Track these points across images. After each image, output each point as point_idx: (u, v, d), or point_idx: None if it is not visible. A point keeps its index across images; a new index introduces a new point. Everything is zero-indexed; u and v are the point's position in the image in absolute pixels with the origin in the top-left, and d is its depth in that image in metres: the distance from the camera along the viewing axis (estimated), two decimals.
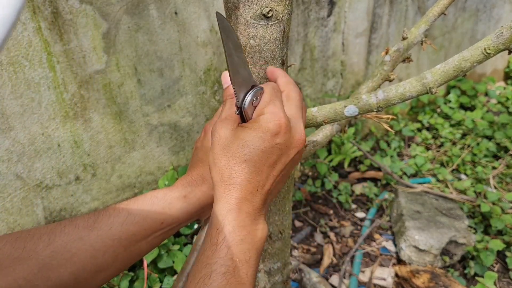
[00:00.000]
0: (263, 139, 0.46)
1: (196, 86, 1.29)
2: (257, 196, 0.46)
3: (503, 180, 1.70)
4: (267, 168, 0.47)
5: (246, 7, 0.49)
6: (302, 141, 0.49)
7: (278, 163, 0.47)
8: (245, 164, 0.46)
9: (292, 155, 0.48)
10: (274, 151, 0.47)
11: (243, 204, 0.45)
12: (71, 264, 0.49)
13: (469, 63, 0.50)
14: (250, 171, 0.46)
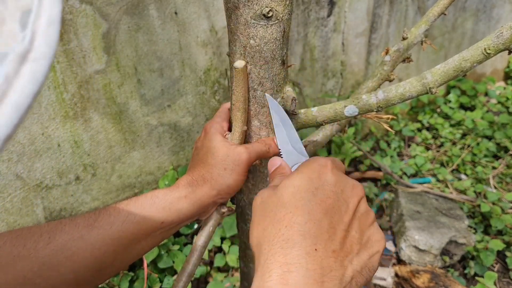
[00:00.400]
0: (310, 178, 0.39)
1: (196, 86, 1.29)
2: (321, 256, 0.34)
3: (503, 180, 1.70)
4: (325, 215, 0.37)
5: (246, 7, 0.49)
6: (360, 189, 0.41)
7: (338, 211, 0.38)
8: (296, 212, 0.37)
9: (354, 203, 0.39)
10: (327, 192, 0.38)
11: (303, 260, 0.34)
12: (71, 263, 0.49)
13: (469, 63, 0.50)
14: (304, 220, 0.36)
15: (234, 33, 0.52)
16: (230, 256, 1.31)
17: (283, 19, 0.51)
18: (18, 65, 0.15)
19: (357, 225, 0.38)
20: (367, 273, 0.38)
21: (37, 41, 0.16)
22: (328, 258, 0.35)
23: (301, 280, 0.33)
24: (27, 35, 0.16)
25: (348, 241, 0.37)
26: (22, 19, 0.16)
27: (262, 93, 0.56)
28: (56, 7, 0.17)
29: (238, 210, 0.69)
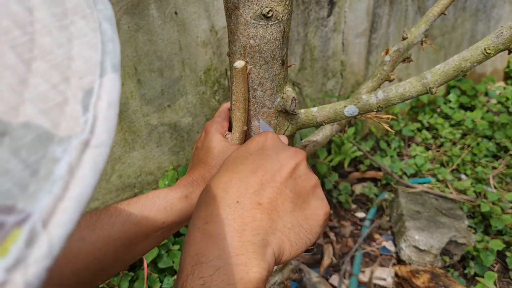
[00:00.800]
0: (247, 146, 0.42)
1: (196, 86, 1.29)
2: (243, 208, 0.36)
3: (503, 180, 1.70)
4: (254, 173, 0.39)
5: (246, 7, 0.49)
6: (300, 155, 0.42)
7: (271, 170, 0.39)
8: (226, 173, 0.39)
9: (290, 165, 0.40)
10: (261, 155, 0.40)
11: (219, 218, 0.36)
12: (72, 264, 0.49)
13: (469, 63, 0.50)
14: (229, 178, 0.38)
15: (234, 33, 0.52)
16: None
17: (283, 19, 0.51)
18: (80, 154, 0.15)
19: (292, 185, 0.39)
20: (304, 233, 0.39)
21: (98, 127, 0.16)
22: (252, 209, 0.36)
23: (220, 229, 0.34)
24: (89, 119, 0.16)
25: (280, 197, 0.38)
26: (84, 100, 0.16)
27: (262, 93, 0.56)
28: (115, 89, 0.17)
29: None
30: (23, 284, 0.12)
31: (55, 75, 0.16)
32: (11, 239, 0.13)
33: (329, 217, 0.50)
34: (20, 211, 0.13)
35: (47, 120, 0.15)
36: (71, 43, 0.18)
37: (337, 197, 1.69)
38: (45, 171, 0.14)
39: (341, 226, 1.59)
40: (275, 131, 0.59)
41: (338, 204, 1.67)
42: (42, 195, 0.14)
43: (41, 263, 0.13)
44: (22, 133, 0.14)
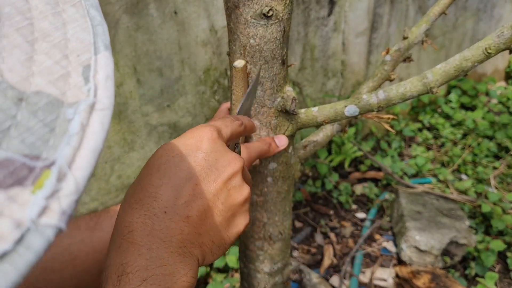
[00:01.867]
0: (185, 144, 0.38)
1: (195, 86, 1.29)
2: (171, 219, 0.35)
3: (504, 181, 1.69)
4: (188, 181, 0.36)
5: (246, 7, 0.49)
6: (237, 163, 0.39)
7: (206, 179, 0.37)
8: (157, 174, 0.36)
9: (227, 175, 0.38)
10: (198, 159, 0.37)
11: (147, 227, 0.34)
12: (72, 266, 0.49)
13: (470, 62, 0.49)
14: (160, 183, 0.36)
15: (234, 33, 0.52)
16: (229, 256, 1.31)
17: (283, 18, 0.50)
18: (88, 115, 0.18)
19: (225, 197, 0.38)
20: (224, 245, 0.38)
21: (99, 94, 0.19)
22: (180, 222, 0.35)
23: (146, 239, 0.33)
24: (91, 88, 0.19)
25: (210, 211, 0.37)
26: (84, 73, 0.19)
27: (262, 93, 0.55)
28: (110, 64, 0.20)
29: None
30: (59, 211, 0.15)
31: (56, 53, 0.20)
32: (44, 177, 0.16)
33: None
34: (45, 158, 0.16)
35: (56, 89, 0.18)
36: (65, 27, 0.21)
37: (337, 198, 1.68)
38: (61, 129, 0.17)
39: (342, 226, 1.59)
40: (275, 131, 0.58)
41: (338, 205, 1.67)
42: (62, 146, 0.17)
43: (71, 197, 0.16)
44: (36, 99, 0.18)
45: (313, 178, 1.75)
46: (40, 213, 0.15)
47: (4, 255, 0.14)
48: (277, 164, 0.61)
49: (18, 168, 0.16)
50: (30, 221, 0.14)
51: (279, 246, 0.69)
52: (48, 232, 0.15)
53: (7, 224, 0.14)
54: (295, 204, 1.66)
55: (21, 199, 0.15)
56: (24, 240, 0.14)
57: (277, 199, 0.64)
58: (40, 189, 0.15)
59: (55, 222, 0.15)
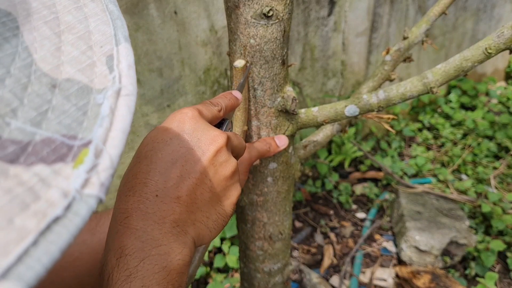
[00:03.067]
0: (166, 128, 0.39)
1: (195, 86, 1.29)
2: (162, 201, 0.36)
3: (504, 181, 1.69)
4: (174, 164, 0.38)
5: (246, 6, 0.49)
6: (220, 139, 0.39)
7: (191, 159, 0.38)
8: (144, 161, 0.38)
9: (211, 152, 0.39)
10: (181, 141, 0.38)
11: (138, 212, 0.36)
12: (73, 268, 0.49)
13: (470, 62, 0.49)
14: (148, 170, 0.37)
15: (234, 33, 0.52)
16: (230, 256, 1.31)
17: (283, 18, 0.50)
18: (116, 100, 0.20)
19: (212, 173, 0.39)
20: (221, 218, 0.40)
21: (124, 81, 0.20)
22: (171, 203, 0.36)
23: (140, 223, 0.35)
24: (116, 76, 0.20)
25: (199, 188, 0.38)
26: (108, 63, 0.21)
27: (263, 93, 0.55)
28: (130, 54, 0.22)
29: (238, 210, 0.68)
30: (98, 183, 0.17)
31: (82, 44, 0.21)
32: (83, 154, 0.17)
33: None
34: (82, 138, 0.18)
35: (84, 77, 0.20)
36: (87, 20, 0.22)
37: (337, 198, 1.68)
38: (93, 112, 0.19)
39: (342, 226, 1.59)
40: (275, 131, 0.58)
41: (338, 205, 1.67)
42: (95, 127, 0.18)
43: (108, 171, 0.17)
44: (68, 85, 0.20)
45: (313, 178, 1.75)
46: (83, 184, 0.17)
47: (57, 220, 0.15)
48: (277, 164, 0.61)
49: (59, 146, 0.17)
50: (75, 191, 0.16)
51: (279, 246, 0.69)
52: (91, 201, 0.16)
53: (56, 193, 0.16)
54: (295, 204, 1.66)
55: (64, 173, 0.17)
56: (71, 207, 0.16)
57: (277, 199, 0.64)
58: (81, 164, 0.17)
59: (96, 193, 0.17)
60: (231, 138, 0.42)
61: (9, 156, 0.16)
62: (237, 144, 0.44)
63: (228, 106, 0.47)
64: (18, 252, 0.14)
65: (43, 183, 0.16)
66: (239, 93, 0.50)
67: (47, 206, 0.16)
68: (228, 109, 0.47)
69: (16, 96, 0.18)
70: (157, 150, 0.38)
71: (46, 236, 0.15)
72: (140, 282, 0.33)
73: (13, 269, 0.14)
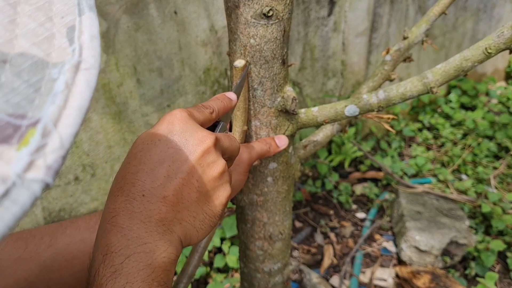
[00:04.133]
0: (156, 129, 0.40)
1: (195, 86, 1.29)
2: (149, 201, 0.37)
3: (504, 181, 1.69)
4: (161, 164, 0.38)
5: (246, 6, 0.49)
6: (208, 140, 0.40)
7: (178, 159, 0.39)
8: (133, 162, 0.39)
9: (198, 153, 0.39)
10: (169, 142, 0.39)
11: (127, 211, 0.37)
12: (72, 266, 0.49)
13: (470, 62, 0.49)
14: (136, 170, 0.38)
15: (234, 33, 0.52)
16: (230, 256, 1.31)
17: (283, 18, 0.50)
18: (74, 74, 0.18)
19: (199, 174, 0.39)
20: (208, 219, 0.41)
21: (85, 54, 0.19)
22: (157, 203, 0.37)
23: (127, 222, 0.36)
24: (76, 48, 0.19)
25: (186, 188, 0.39)
26: (68, 34, 0.19)
27: (263, 93, 0.55)
28: (95, 25, 0.20)
29: (238, 210, 0.68)
30: (44, 166, 0.16)
31: (40, 15, 0.20)
32: (30, 134, 0.16)
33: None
34: (31, 117, 0.17)
35: (40, 51, 0.19)
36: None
37: (337, 198, 1.68)
38: (46, 88, 0.18)
39: (342, 226, 1.59)
40: (275, 131, 0.58)
41: (338, 205, 1.67)
42: (47, 105, 0.17)
43: (56, 153, 0.16)
44: (20, 61, 0.18)
45: (313, 178, 1.75)
46: (25, 168, 0.15)
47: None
48: (277, 164, 0.61)
49: (3, 127, 0.16)
50: (16, 176, 0.15)
51: (279, 246, 0.69)
52: (35, 187, 0.15)
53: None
54: (295, 204, 1.66)
55: (6, 156, 0.15)
56: (10, 194, 0.14)
57: (277, 198, 0.64)
58: (25, 146, 0.16)
59: (41, 177, 0.15)
60: (220, 139, 0.42)
61: None
62: (228, 146, 0.44)
63: (221, 109, 0.47)
64: None
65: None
66: (233, 94, 0.50)
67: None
68: (221, 112, 0.47)
69: None
70: (146, 151, 0.39)
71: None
72: (124, 279, 0.34)
73: None
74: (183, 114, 0.41)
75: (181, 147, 0.39)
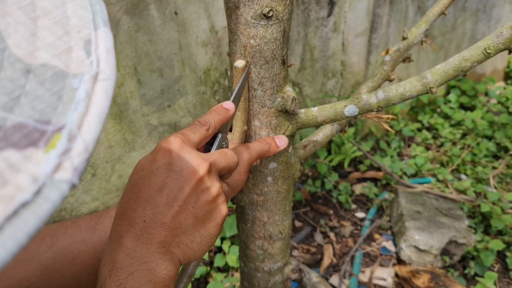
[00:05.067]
0: (154, 158, 0.43)
1: (196, 86, 1.29)
2: (150, 226, 0.41)
3: (503, 180, 1.70)
4: (160, 192, 0.41)
5: (246, 7, 0.49)
6: (201, 168, 0.42)
7: (175, 188, 0.42)
8: (134, 189, 0.42)
9: (193, 181, 0.42)
10: (166, 171, 0.42)
11: (130, 235, 0.41)
12: (73, 266, 0.49)
13: (469, 63, 0.50)
14: (137, 197, 0.41)
15: (235, 33, 0.52)
16: (230, 256, 1.31)
17: (283, 19, 0.51)
18: (93, 84, 0.20)
19: (194, 200, 0.42)
20: (206, 240, 0.44)
21: (102, 66, 0.20)
22: (157, 228, 0.41)
23: (131, 243, 0.40)
24: (94, 61, 0.20)
25: (183, 214, 0.42)
26: (86, 48, 0.21)
27: (263, 93, 0.56)
28: (109, 39, 0.21)
29: (238, 210, 0.69)
30: (71, 167, 0.17)
31: (58, 29, 0.21)
32: (56, 139, 0.17)
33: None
34: (55, 123, 0.18)
35: (60, 62, 0.20)
36: (65, 5, 0.22)
37: (337, 197, 1.69)
38: (67, 97, 0.19)
39: (341, 226, 1.59)
40: (275, 131, 0.59)
41: (338, 204, 1.67)
42: (70, 112, 0.18)
43: (81, 155, 0.18)
44: (43, 71, 0.19)
45: (312, 178, 1.75)
46: (54, 169, 0.17)
47: (25, 204, 0.15)
48: (277, 163, 0.62)
49: (31, 131, 0.17)
50: (46, 176, 0.16)
51: (279, 246, 0.70)
52: (63, 186, 0.17)
53: (25, 179, 0.16)
54: (295, 204, 1.66)
55: (36, 158, 0.17)
56: (41, 192, 0.16)
57: (277, 198, 0.65)
58: (52, 149, 0.17)
59: (69, 177, 0.17)
60: (215, 162, 0.45)
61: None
62: (224, 165, 0.46)
63: (218, 122, 0.49)
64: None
65: (12, 168, 0.16)
66: (231, 103, 0.51)
67: (15, 191, 0.16)
68: (218, 125, 0.49)
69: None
70: (145, 179, 0.42)
71: (12, 221, 0.15)
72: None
73: None
74: (178, 142, 0.43)
75: (177, 176, 0.42)
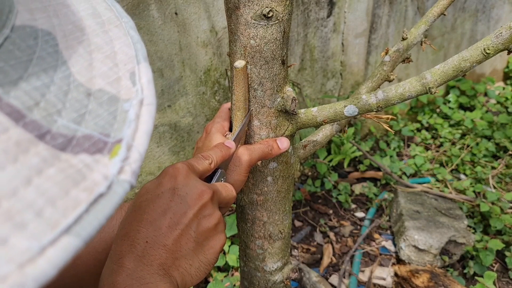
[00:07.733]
0: (160, 182, 0.44)
1: (196, 87, 1.29)
2: (152, 247, 0.42)
3: (502, 180, 1.70)
4: (164, 215, 0.43)
5: (246, 7, 0.49)
6: (206, 195, 0.44)
7: (179, 212, 0.43)
8: (139, 211, 0.43)
9: (197, 207, 0.44)
10: (171, 195, 0.43)
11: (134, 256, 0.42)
12: (74, 267, 0.49)
13: (469, 63, 0.50)
14: (140, 219, 0.43)
15: (235, 33, 0.53)
16: (230, 255, 1.32)
17: (283, 19, 0.51)
18: (140, 108, 0.24)
19: (196, 226, 0.44)
20: (203, 266, 0.45)
21: (145, 93, 0.24)
22: (159, 249, 0.42)
23: (132, 263, 0.41)
24: (139, 89, 0.24)
25: (184, 238, 0.43)
26: (131, 78, 0.25)
27: (262, 93, 0.56)
28: (149, 72, 0.26)
29: (238, 210, 0.69)
30: (131, 171, 0.21)
31: (109, 62, 0.25)
32: (117, 148, 0.21)
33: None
34: (114, 137, 0.22)
35: (113, 89, 0.24)
36: (113, 42, 0.27)
37: (336, 197, 1.69)
38: (121, 117, 0.23)
39: (341, 225, 1.60)
40: (275, 131, 0.59)
41: (337, 204, 1.68)
42: (125, 128, 0.22)
43: (137, 162, 0.21)
44: (100, 95, 0.24)
45: (312, 178, 1.76)
46: (119, 171, 0.21)
47: (101, 195, 0.19)
48: (277, 163, 0.62)
49: (97, 141, 0.21)
50: (113, 176, 0.20)
51: (279, 245, 0.70)
52: (125, 185, 0.20)
53: (99, 176, 0.20)
54: (295, 204, 1.66)
55: (103, 162, 0.21)
56: (111, 187, 0.20)
57: (277, 198, 0.65)
58: (116, 156, 0.21)
59: (129, 178, 0.21)
60: (217, 191, 0.47)
61: (59, 145, 0.20)
62: (225, 196, 0.48)
63: (219, 158, 0.52)
64: (75, 215, 0.18)
65: (88, 168, 0.20)
66: (232, 143, 0.54)
67: (94, 185, 0.20)
68: (219, 161, 0.52)
69: (59, 100, 0.22)
70: (149, 201, 0.44)
71: (94, 206, 0.19)
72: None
73: (72, 228, 0.18)
74: (184, 169, 0.45)
75: (182, 200, 0.44)
